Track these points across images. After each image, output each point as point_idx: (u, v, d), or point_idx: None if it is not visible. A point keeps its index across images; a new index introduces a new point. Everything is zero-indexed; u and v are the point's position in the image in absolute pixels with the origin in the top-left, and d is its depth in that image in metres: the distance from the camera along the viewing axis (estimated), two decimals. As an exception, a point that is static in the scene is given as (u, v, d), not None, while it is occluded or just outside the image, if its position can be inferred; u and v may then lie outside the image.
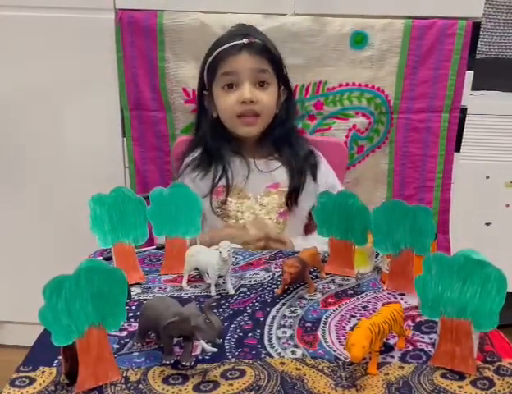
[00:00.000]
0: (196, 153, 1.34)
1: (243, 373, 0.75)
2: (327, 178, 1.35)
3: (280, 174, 1.32)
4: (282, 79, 1.33)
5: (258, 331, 0.86)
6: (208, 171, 1.31)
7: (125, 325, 0.86)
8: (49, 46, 1.53)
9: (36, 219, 1.71)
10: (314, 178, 1.33)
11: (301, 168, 1.31)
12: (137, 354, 0.79)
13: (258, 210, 1.31)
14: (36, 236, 1.72)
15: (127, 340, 0.83)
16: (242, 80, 1.25)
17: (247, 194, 1.31)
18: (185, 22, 1.47)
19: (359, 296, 0.98)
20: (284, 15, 1.48)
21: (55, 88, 1.58)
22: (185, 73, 1.52)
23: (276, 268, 1.08)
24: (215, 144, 1.31)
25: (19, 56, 1.55)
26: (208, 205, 1.28)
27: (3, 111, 1.61)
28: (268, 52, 1.28)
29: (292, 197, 1.31)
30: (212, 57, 1.28)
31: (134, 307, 0.92)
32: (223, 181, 1.29)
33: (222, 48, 1.26)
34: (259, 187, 1.32)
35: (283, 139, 1.33)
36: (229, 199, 1.30)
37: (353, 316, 0.91)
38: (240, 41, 1.25)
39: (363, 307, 0.94)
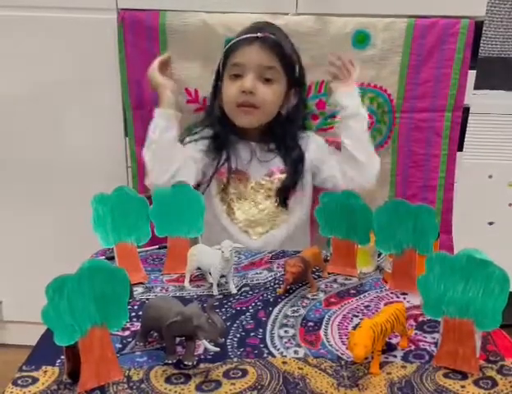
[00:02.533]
0: (204, 132, 1.36)
1: (245, 372, 0.75)
2: (316, 154, 1.37)
3: (277, 163, 1.34)
4: (295, 81, 1.34)
5: (261, 330, 0.86)
6: (214, 156, 1.33)
7: (128, 325, 0.86)
8: (51, 46, 1.53)
9: (38, 219, 1.71)
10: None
11: (293, 171, 1.32)
12: (139, 353, 0.79)
13: (259, 194, 1.32)
14: (38, 236, 1.72)
15: (130, 339, 0.83)
16: (247, 72, 1.27)
17: (248, 178, 1.33)
18: (187, 22, 1.47)
19: (362, 296, 0.97)
20: (286, 14, 1.48)
21: (57, 88, 1.58)
22: (187, 73, 1.51)
23: (278, 267, 1.08)
24: (222, 131, 1.33)
25: (21, 56, 1.55)
26: (211, 187, 1.32)
27: (6, 111, 1.61)
28: (280, 49, 1.29)
29: (281, 195, 1.32)
30: (226, 48, 1.32)
31: (136, 307, 0.92)
32: (226, 164, 1.32)
33: (236, 39, 1.29)
34: (259, 174, 1.33)
35: (283, 135, 1.34)
36: (231, 181, 1.32)
37: (355, 316, 0.91)
38: (254, 34, 1.27)
39: (366, 306, 0.94)
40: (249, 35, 1.28)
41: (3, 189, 1.69)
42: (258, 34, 1.26)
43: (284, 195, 1.31)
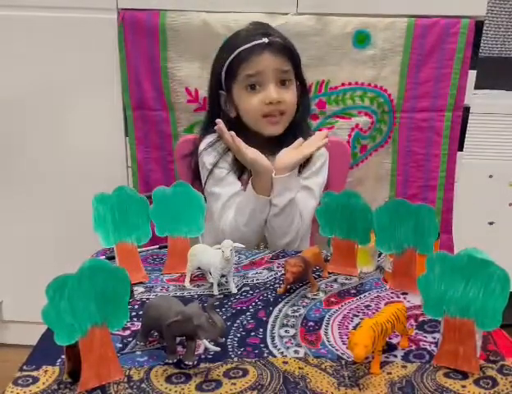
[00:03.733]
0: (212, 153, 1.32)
1: (245, 372, 0.75)
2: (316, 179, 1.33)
3: None
4: (299, 75, 1.33)
5: (261, 330, 0.86)
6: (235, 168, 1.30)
7: (128, 324, 0.86)
8: (52, 46, 1.54)
9: (39, 219, 1.71)
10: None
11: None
12: (140, 353, 0.79)
13: None
14: (39, 236, 1.73)
15: (130, 339, 0.83)
16: (266, 81, 1.24)
17: None
18: (187, 22, 1.48)
19: (362, 295, 0.97)
20: (286, 14, 1.48)
21: (57, 88, 1.58)
22: (187, 72, 1.52)
23: (278, 267, 1.08)
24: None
25: (21, 56, 1.55)
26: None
27: (6, 111, 1.61)
28: (289, 51, 1.27)
29: None
30: (232, 57, 1.25)
31: (136, 306, 0.92)
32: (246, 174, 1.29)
33: (243, 48, 1.24)
34: None
35: (295, 135, 1.32)
36: None
37: (356, 315, 0.90)
38: (261, 41, 1.23)
39: (366, 306, 0.94)
40: (256, 42, 1.23)
41: (3, 189, 1.70)
42: (265, 40, 1.23)
43: None
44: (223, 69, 1.28)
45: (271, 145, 1.31)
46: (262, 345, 0.82)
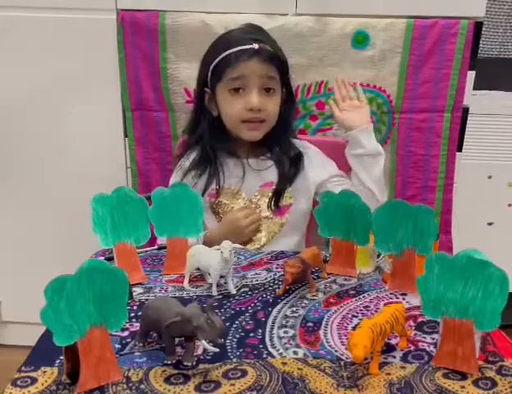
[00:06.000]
0: (192, 155, 1.33)
1: (244, 373, 0.75)
2: (321, 174, 1.34)
3: (272, 173, 1.32)
4: (286, 82, 1.32)
5: (260, 331, 0.86)
6: (203, 172, 1.31)
7: (127, 325, 0.86)
8: (51, 47, 1.54)
9: (38, 219, 1.71)
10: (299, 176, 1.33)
11: (288, 170, 1.31)
12: (139, 354, 0.79)
13: (253, 209, 1.31)
14: (38, 237, 1.73)
15: (129, 340, 0.83)
16: (250, 86, 1.24)
17: (241, 194, 1.31)
18: (186, 22, 1.48)
19: (361, 296, 0.97)
20: (285, 15, 1.48)
21: (57, 88, 1.58)
22: (186, 73, 1.52)
23: (277, 268, 1.08)
24: (212, 143, 1.31)
25: (21, 56, 1.55)
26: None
27: (6, 111, 1.61)
28: (277, 60, 1.26)
29: (273, 199, 1.30)
30: (219, 58, 1.25)
31: (135, 307, 0.92)
32: (216, 183, 1.30)
33: (232, 51, 1.23)
34: (253, 187, 1.32)
35: (278, 139, 1.33)
36: (223, 200, 1.30)
37: (354, 316, 0.90)
38: (251, 46, 1.22)
39: (365, 307, 0.94)
40: (245, 47, 1.22)
41: (3, 189, 1.69)
42: (255, 46, 1.22)
43: (277, 197, 1.30)
44: (209, 69, 1.27)
45: (248, 147, 1.33)
46: (261, 346, 0.81)
